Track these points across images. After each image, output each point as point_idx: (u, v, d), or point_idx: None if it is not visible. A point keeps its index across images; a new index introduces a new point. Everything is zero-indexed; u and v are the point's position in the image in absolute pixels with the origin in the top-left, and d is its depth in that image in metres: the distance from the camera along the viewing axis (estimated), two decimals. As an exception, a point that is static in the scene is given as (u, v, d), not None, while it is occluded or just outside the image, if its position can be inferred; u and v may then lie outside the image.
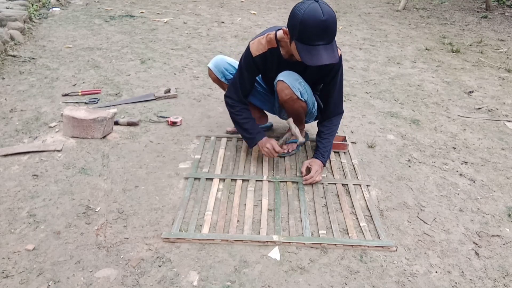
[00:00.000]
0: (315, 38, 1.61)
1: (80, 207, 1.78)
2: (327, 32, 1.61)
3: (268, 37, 1.89)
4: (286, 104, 2.00)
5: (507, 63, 3.86)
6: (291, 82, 1.89)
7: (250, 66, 1.96)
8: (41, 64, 3.32)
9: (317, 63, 1.63)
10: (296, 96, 1.92)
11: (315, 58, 1.63)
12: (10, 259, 1.51)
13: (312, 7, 1.59)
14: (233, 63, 2.22)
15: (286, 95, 1.93)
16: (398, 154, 2.29)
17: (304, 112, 2.08)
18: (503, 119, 2.78)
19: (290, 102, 1.96)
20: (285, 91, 1.92)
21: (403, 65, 3.75)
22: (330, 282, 1.47)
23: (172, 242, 1.62)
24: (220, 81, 2.24)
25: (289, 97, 1.93)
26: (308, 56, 1.64)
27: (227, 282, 1.46)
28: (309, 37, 1.61)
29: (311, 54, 1.63)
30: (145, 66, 3.39)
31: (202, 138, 2.34)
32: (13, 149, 2.14)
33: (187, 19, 4.93)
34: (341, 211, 1.83)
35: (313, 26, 1.59)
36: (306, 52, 1.64)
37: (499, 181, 2.11)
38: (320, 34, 1.61)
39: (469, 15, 5.76)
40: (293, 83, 1.90)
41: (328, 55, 1.64)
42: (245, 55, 1.96)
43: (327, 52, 1.64)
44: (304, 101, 1.97)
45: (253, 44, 1.93)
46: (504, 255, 1.64)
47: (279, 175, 2.05)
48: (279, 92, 1.95)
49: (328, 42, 1.64)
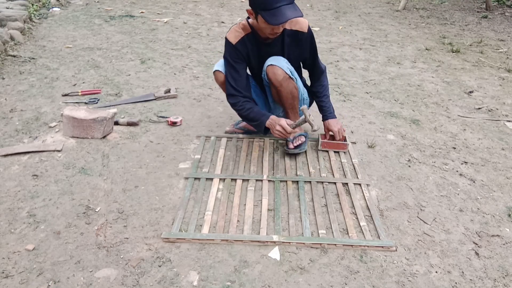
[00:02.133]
0: (275, 1, 1.74)
1: (80, 207, 1.78)
2: None
3: (241, 25, 2.01)
4: (282, 88, 2.06)
5: (507, 63, 3.86)
6: (280, 63, 2.00)
7: (235, 55, 2.02)
8: (41, 64, 3.32)
9: (282, 20, 1.75)
10: (288, 75, 2.01)
11: (280, 17, 1.75)
12: (10, 259, 1.51)
13: None
14: None
15: (279, 75, 2.00)
16: (398, 154, 2.29)
17: (297, 96, 2.13)
18: (503, 119, 2.78)
19: (284, 83, 2.03)
20: (276, 72, 1.99)
21: (403, 65, 3.75)
22: (330, 282, 1.47)
23: (172, 242, 1.62)
24: None
25: (282, 77, 2.01)
26: (273, 18, 1.75)
27: (227, 282, 1.46)
28: (269, 1, 1.74)
29: (276, 15, 1.75)
30: (145, 66, 3.39)
31: (202, 138, 2.34)
32: (13, 149, 2.14)
33: (187, 19, 4.93)
34: (341, 211, 1.83)
35: None
36: (271, 15, 1.75)
37: (499, 181, 2.11)
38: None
39: (469, 15, 5.76)
40: (282, 63, 2.00)
41: (291, 11, 1.76)
42: (226, 47, 2.04)
43: (290, 10, 1.76)
44: (294, 80, 2.06)
45: (229, 34, 2.02)
46: (504, 255, 1.64)
47: (279, 175, 2.05)
48: (271, 77, 2.02)
49: (289, 3, 1.77)
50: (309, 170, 2.11)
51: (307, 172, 2.10)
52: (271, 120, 2.01)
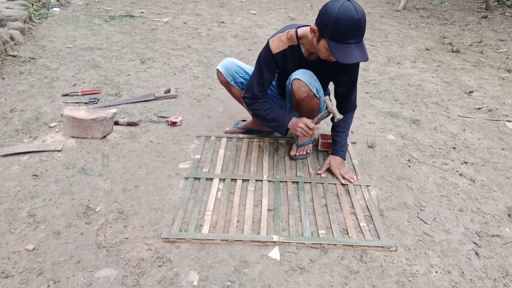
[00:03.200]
0: (349, 36, 1.62)
1: (80, 207, 1.78)
2: (360, 30, 1.63)
3: (288, 34, 1.89)
4: (303, 103, 2.00)
5: (507, 63, 3.86)
6: (307, 79, 1.90)
7: (270, 64, 1.95)
8: (41, 64, 3.32)
9: (351, 61, 1.65)
10: (313, 93, 1.94)
11: (349, 56, 1.64)
12: (10, 259, 1.51)
13: (346, 5, 1.60)
14: (244, 66, 2.20)
15: (304, 92, 1.93)
16: (398, 154, 2.29)
17: (317, 110, 2.07)
18: (503, 119, 2.78)
19: (307, 100, 1.97)
20: (302, 89, 1.92)
21: (403, 65, 3.75)
22: (330, 282, 1.47)
23: (172, 242, 1.62)
24: (229, 84, 2.21)
25: (306, 94, 1.94)
26: (342, 54, 1.64)
27: (227, 282, 1.46)
28: (343, 35, 1.62)
29: (345, 52, 1.64)
30: (145, 66, 3.39)
31: (202, 138, 2.34)
32: (13, 149, 2.14)
33: (187, 19, 4.93)
34: (341, 211, 1.83)
35: (347, 24, 1.60)
36: (339, 50, 1.64)
37: (499, 181, 2.11)
38: (353, 32, 1.62)
39: (469, 15, 5.76)
40: (309, 80, 1.91)
41: (360, 53, 1.65)
42: (265, 52, 1.95)
43: (359, 50, 1.65)
44: (318, 98, 1.99)
45: (273, 41, 1.92)
46: (504, 255, 1.64)
47: (279, 175, 2.05)
48: (295, 90, 1.94)
49: (359, 41, 1.66)
50: (309, 170, 2.11)
51: (307, 172, 2.10)
52: (292, 121, 1.98)
